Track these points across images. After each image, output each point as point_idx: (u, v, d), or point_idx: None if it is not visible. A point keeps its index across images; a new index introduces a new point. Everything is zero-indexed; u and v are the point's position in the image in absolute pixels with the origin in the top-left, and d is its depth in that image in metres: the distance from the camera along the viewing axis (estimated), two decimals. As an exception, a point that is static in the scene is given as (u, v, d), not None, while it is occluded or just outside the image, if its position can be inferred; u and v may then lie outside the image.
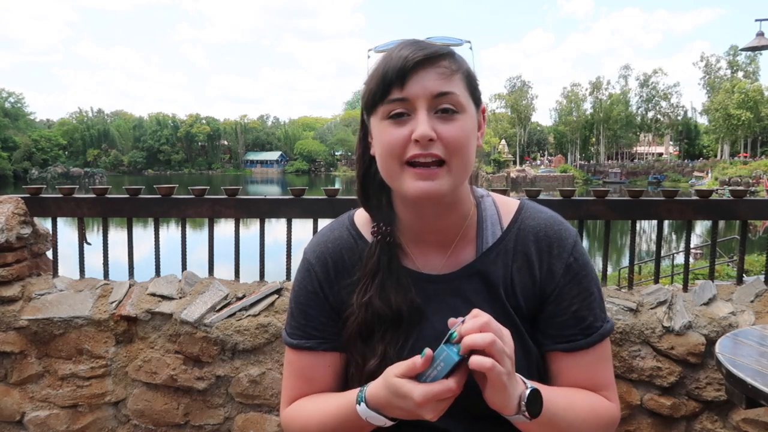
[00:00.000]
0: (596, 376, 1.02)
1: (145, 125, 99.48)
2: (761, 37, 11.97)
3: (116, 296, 2.55)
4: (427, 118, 0.89)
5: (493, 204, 1.07)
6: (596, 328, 1.01)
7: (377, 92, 0.92)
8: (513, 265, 1.01)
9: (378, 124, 0.94)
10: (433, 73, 0.90)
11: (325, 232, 1.11)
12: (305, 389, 1.07)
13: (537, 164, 78.06)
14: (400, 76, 0.89)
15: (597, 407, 0.99)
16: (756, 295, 2.50)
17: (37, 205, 2.70)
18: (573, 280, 1.01)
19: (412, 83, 0.90)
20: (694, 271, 8.36)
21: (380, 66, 0.93)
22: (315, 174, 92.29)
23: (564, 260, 1.01)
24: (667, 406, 2.36)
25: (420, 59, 0.90)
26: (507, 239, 1.03)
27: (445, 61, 0.92)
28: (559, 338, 1.01)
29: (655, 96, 75.87)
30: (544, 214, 1.05)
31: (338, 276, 1.06)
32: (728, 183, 41.73)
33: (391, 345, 0.99)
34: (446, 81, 0.91)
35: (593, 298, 1.02)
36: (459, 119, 0.91)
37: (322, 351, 1.05)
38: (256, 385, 2.45)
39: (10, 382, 2.55)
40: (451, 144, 0.90)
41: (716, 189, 14.98)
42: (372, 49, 0.99)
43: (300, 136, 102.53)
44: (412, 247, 1.04)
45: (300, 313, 1.07)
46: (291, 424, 1.06)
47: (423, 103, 0.90)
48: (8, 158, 76.31)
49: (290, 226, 2.70)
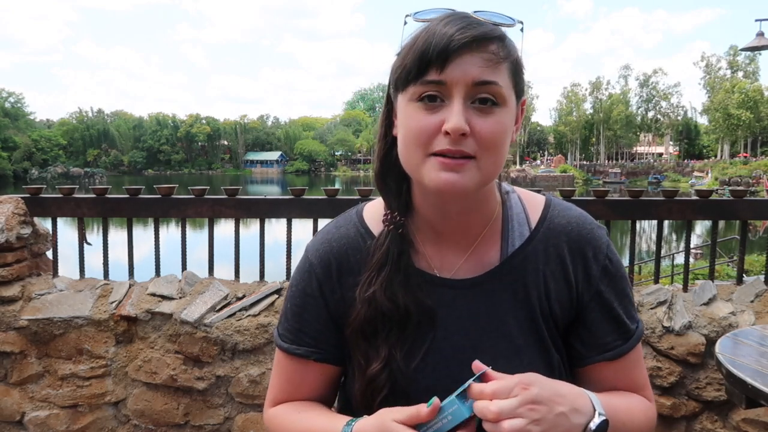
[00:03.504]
0: (636, 378, 0.98)
1: (145, 125, 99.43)
2: (761, 37, 11.96)
3: (116, 296, 2.55)
4: (462, 108, 0.79)
5: (519, 201, 0.98)
6: (633, 330, 0.96)
7: (412, 70, 0.81)
8: (545, 268, 0.92)
9: (406, 105, 0.83)
10: (479, 58, 0.79)
11: (331, 230, 1.01)
12: (292, 393, 1.01)
13: (537, 164, 78.02)
14: (441, 57, 0.78)
15: (648, 412, 0.96)
16: (756, 295, 2.50)
17: (37, 205, 2.70)
18: (611, 284, 0.94)
19: (454, 66, 0.79)
20: (694, 271, 8.36)
21: (420, 40, 0.81)
22: (315, 174, 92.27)
23: (600, 263, 0.93)
24: (667, 406, 2.36)
25: (467, 41, 0.79)
26: (536, 240, 0.93)
27: (494, 45, 0.81)
28: (603, 347, 0.94)
29: (655, 96, 75.91)
30: (573, 212, 0.97)
31: (341, 278, 0.96)
32: (728, 183, 41.73)
33: (396, 348, 0.90)
34: (492, 69, 0.80)
35: (628, 300, 0.96)
36: (497, 113, 0.81)
37: (313, 361, 0.97)
38: (256, 385, 2.45)
39: (10, 382, 2.55)
40: (484, 140, 0.80)
41: (716, 189, 15.00)
42: (410, 15, 0.87)
43: (300, 136, 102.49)
44: (427, 247, 0.95)
45: (294, 316, 0.99)
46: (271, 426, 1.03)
47: (461, 89, 0.79)
48: (8, 158, 76.28)
49: (290, 226, 2.70)
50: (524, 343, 0.91)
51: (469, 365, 0.81)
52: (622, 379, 0.96)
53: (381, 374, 0.89)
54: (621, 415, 0.88)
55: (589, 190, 3.13)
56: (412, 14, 0.86)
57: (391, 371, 0.89)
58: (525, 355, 0.90)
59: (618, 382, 0.96)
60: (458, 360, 0.89)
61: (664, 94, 75.59)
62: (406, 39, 0.85)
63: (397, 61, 0.85)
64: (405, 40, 0.85)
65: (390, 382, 0.89)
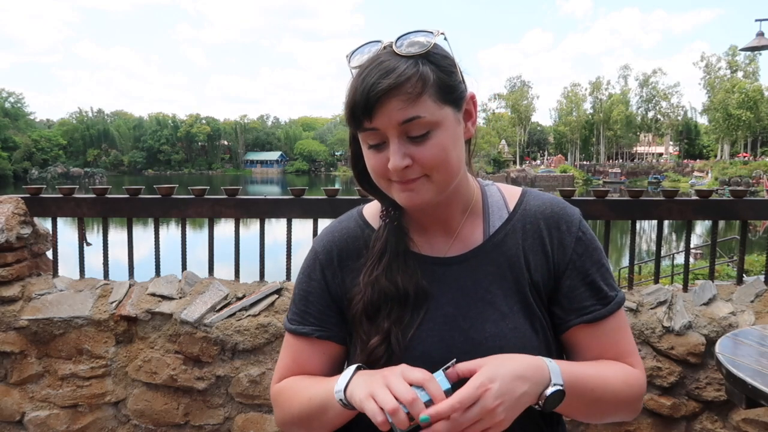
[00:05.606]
0: (619, 344, 1.04)
1: (145, 125, 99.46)
2: (761, 37, 11.97)
3: (116, 296, 2.55)
4: (398, 147, 0.91)
5: (498, 191, 1.11)
6: (612, 297, 1.03)
7: (351, 122, 0.94)
8: (524, 243, 1.03)
9: (362, 143, 0.97)
10: (397, 101, 0.89)
11: (334, 224, 1.14)
12: (297, 372, 1.09)
13: (537, 164, 77.99)
14: (367, 111, 0.90)
15: (629, 379, 1.01)
16: (756, 295, 2.50)
17: (37, 205, 2.70)
18: (585, 253, 1.03)
19: (380, 114, 0.90)
20: (694, 271, 8.36)
21: (350, 95, 0.93)
22: (315, 174, 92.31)
23: (573, 234, 1.04)
24: (667, 406, 2.36)
25: (383, 92, 0.89)
26: (515, 220, 1.05)
27: (408, 84, 0.89)
28: (581, 311, 1.02)
29: (655, 96, 75.87)
30: (546, 196, 1.09)
31: (342, 264, 1.08)
32: (728, 183, 41.74)
33: (396, 323, 1.00)
34: (411, 106, 0.89)
35: (605, 269, 1.05)
36: (433, 137, 0.92)
37: (316, 338, 1.07)
38: (256, 385, 2.45)
39: (10, 382, 2.55)
40: (428, 165, 0.92)
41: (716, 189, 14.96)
42: (348, 56, 0.98)
43: (300, 136, 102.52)
44: (417, 235, 1.06)
45: (301, 300, 1.10)
46: (278, 398, 1.10)
47: (393, 132, 0.91)
48: (8, 158, 76.24)
49: (290, 226, 2.70)
50: (509, 310, 1.00)
51: (459, 330, 0.99)
52: (605, 346, 1.03)
53: (380, 345, 0.98)
54: (589, 382, 0.95)
55: (589, 190, 3.14)
56: (349, 55, 0.97)
57: (389, 343, 0.98)
58: (510, 320, 1.00)
59: (603, 348, 1.03)
60: (449, 326, 1.00)
61: (664, 94, 75.52)
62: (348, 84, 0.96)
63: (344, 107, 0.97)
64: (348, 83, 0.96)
65: (388, 353, 0.98)
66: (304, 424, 1.04)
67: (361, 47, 0.97)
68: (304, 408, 1.02)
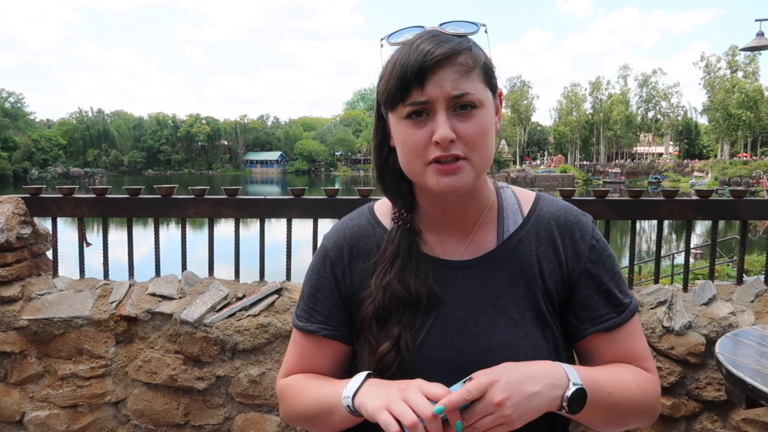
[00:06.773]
0: (634, 349, 1.03)
1: (145, 125, 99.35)
2: (761, 37, 11.97)
3: (116, 296, 2.55)
4: (446, 119, 0.90)
5: (513, 194, 1.09)
6: (627, 304, 1.03)
7: (396, 93, 0.91)
8: (538, 250, 1.02)
9: (398, 123, 0.95)
10: (451, 72, 0.90)
11: (345, 221, 1.13)
12: (304, 369, 1.09)
13: (537, 164, 77.98)
14: (419, 78, 0.89)
15: (644, 383, 1.01)
16: (756, 295, 2.50)
17: (37, 205, 2.70)
18: (599, 261, 1.03)
19: (432, 84, 0.89)
20: (694, 271, 8.36)
21: (399, 63, 0.91)
22: (315, 174, 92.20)
23: (588, 242, 1.03)
24: (667, 406, 2.36)
25: (439, 58, 0.89)
26: (529, 226, 1.04)
27: (462, 56, 0.91)
28: (596, 320, 1.02)
29: (655, 96, 75.82)
30: (560, 202, 1.08)
31: (352, 261, 1.07)
32: (728, 183, 41.73)
33: (407, 329, 0.99)
34: (464, 80, 0.90)
35: (618, 276, 1.04)
36: (477, 115, 0.92)
37: (323, 336, 1.06)
38: (256, 385, 2.45)
39: (10, 382, 2.55)
40: (471, 142, 0.91)
41: (716, 189, 14.97)
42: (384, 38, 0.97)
43: (300, 136, 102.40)
44: (431, 235, 1.05)
45: (309, 297, 1.09)
46: (284, 394, 1.10)
47: (442, 103, 0.90)
48: (8, 158, 76.23)
49: (290, 226, 2.70)
50: (520, 317, 0.99)
51: (470, 336, 0.98)
52: (620, 352, 1.03)
53: (390, 352, 0.97)
54: (606, 385, 0.94)
55: (589, 190, 3.13)
56: (386, 37, 0.97)
57: (399, 349, 0.97)
58: (521, 327, 0.99)
59: (616, 354, 1.03)
60: (459, 331, 0.99)
61: (663, 94, 75.49)
62: (386, 63, 0.95)
63: (381, 85, 0.96)
64: (385, 64, 0.96)
65: (398, 359, 0.97)
66: (309, 422, 1.04)
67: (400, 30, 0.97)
68: (310, 407, 1.02)
